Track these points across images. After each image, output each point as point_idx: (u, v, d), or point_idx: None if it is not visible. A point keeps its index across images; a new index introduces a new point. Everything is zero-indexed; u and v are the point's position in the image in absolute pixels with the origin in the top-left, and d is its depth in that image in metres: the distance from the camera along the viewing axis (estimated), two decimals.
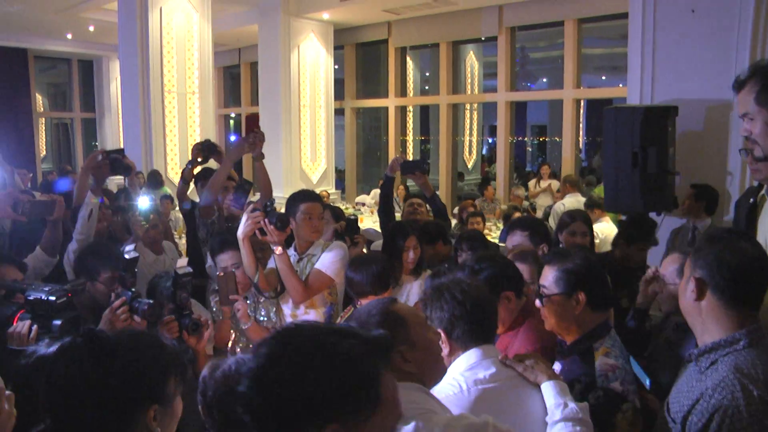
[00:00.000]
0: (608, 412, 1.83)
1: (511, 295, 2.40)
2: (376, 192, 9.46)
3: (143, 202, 3.78)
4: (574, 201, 7.34)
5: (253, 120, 3.82)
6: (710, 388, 1.58)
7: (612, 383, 1.89)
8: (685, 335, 2.15)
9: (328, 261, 3.21)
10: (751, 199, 3.08)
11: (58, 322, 2.15)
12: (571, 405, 1.69)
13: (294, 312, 3.27)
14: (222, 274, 2.96)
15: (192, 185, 4.53)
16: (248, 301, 3.16)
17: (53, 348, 1.68)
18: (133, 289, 2.58)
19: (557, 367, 2.09)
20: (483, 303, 1.84)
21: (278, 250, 3.05)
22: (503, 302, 2.38)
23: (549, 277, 2.06)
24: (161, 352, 1.41)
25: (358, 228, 3.97)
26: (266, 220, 3.01)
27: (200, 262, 3.70)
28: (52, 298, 2.19)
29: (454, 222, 7.09)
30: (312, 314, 3.26)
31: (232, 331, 3.20)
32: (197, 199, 4.37)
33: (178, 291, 2.68)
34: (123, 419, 1.30)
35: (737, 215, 3.25)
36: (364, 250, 3.88)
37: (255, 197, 4.45)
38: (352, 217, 4.03)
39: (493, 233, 7.35)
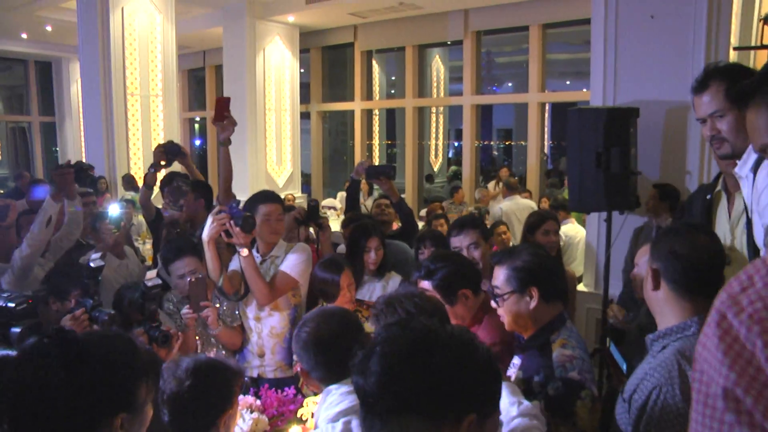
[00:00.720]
0: (568, 401, 1.86)
1: (469, 293, 2.44)
2: (342, 195, 9.45)
3: (113, 209, 3.72)
4: (512, 204, 7.57)
5: (224, 102, 3.62)
6: (652, 368, 1.69)
7: (570, 373, 1.92)
8: (654, 321, 2.21)
9: (292, 263, 3.19)
10: (708, 195, 3.16)
11: (16, 330, 2.08)
12: (525, 402, 1.73)
13: (258, 314, 3.25)
14: (193, 279, 2.90)
15: (157, 190, 4.44)
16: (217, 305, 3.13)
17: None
18: (95, 298, 2.53)
19: (516, 361, 2.12)
20: (435, 314, 1.88)
21: (244, 252, 3.01)
22: (461, 300, 2.42)
23: (500, 277, 2.08)
24: (134, 356, 1.35)
25: (318, 212, 3.91)
26: (232, 222, 2.95)
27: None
28: (11, 304, 2.12)
29: (421, 224, 7.13)
30: (276, 316, 3.24)
31: (197, 338, 3.15)
32: (160, 205, 4.30)
33: (147, 303, 2.65)
34: (87, 427, 1.24)
35: (691, 212, 3.32)
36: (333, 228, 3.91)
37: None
38: (313, 202, 3.97)
39: None
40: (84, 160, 9.74)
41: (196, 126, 14.62)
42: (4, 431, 1.22)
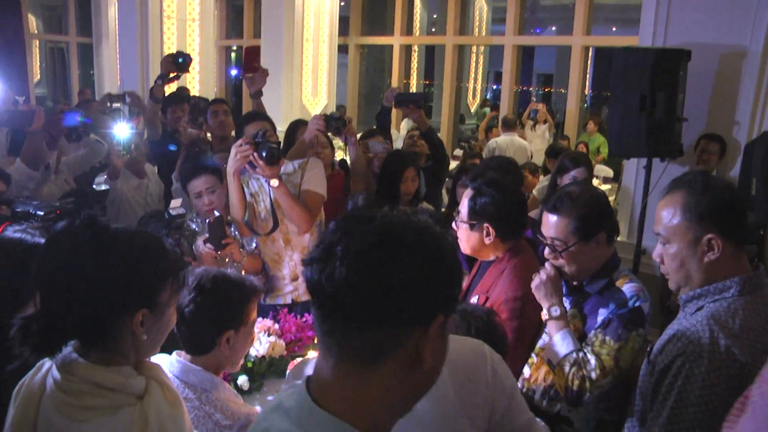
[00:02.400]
0: (628, 326, 1.87)
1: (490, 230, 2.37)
2: None
3: (121, 131, 3.62)
4: (508, 140, 7.70)
5: (254, 53, 3.54)
6: (680, 331, 1.55)
7: (643, 303, 1.91)
8: None
9: (315, 179, 3.16)
10: None
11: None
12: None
13: (288, 236, 3.23)
14: (211, 220, 2.82)
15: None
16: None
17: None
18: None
19: (567, 304, 2.06)
20: None
21: (275, 182, 2.94)
22: None
23: (560, 227, 1.97)
24: (161, 255, 1.33)
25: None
26: (255, 154, 2.84)
27: None
28: (40, 212, 2.13)
29: (453, 164, 7.04)
30: (306, 236, 3.23)
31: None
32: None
33: (171, 233, 2.63)
34: (109, 316, 1.24)
35: (747, 161, 3.19)
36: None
37: None
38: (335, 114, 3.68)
39: None
40: (119, 84, 9.76)
41: (233, 55, 14.48)
42: (35, 312, 1.25)
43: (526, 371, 2.11)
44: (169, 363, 1.75)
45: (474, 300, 2.30)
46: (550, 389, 1.99)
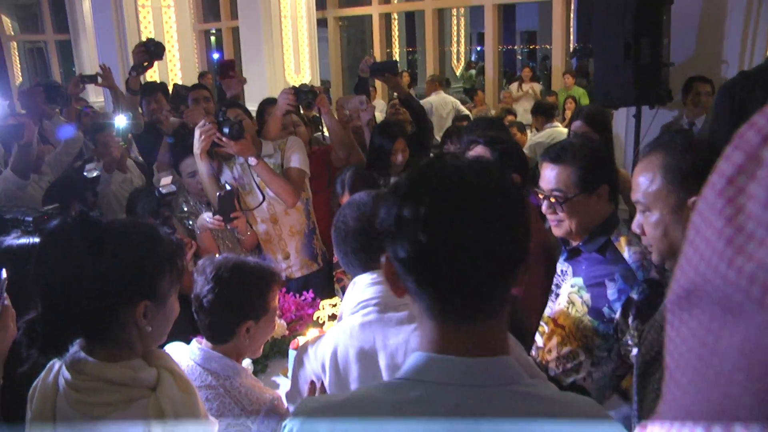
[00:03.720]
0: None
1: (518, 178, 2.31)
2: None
3: (120, 120, 3.61)
4: (438, 99, 7.81)
5: (228, 65, 3.69)
6: (663, 316, 1.42)
7: (651, 273, 1.78)
8: None
9: (297, 157, 3.14)
10: None
11: None
12: None
13: (274, 215, 3.22)
14: (223, 193, 2.83)
15: None
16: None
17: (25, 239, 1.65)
18: (95, 210, 2.51)
19: (565, 268, 2.01)
20: None
21: (252, 161, 2.94)
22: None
23: (562, 177, 1.87)
24: (157, 243, 1.32)
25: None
26: (219, 133, 2.83)
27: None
28: (29, 218, 2.13)
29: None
30: (293, 214, 3.23)
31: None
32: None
33: (162, 209, 2.63)
34: (111, 310, 1.24)
35: (722, 105, 3.15)
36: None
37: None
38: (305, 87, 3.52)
39: None
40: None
41: (212, 39, 14.30)
42: (38, 314, 1.24)
43: (539, 340, 2.10)
44: (189, 351, 1.74)
45: None
46: (564, 359, 1.98)
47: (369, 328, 1.39)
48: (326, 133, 3.91)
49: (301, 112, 3.68)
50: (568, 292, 1.98)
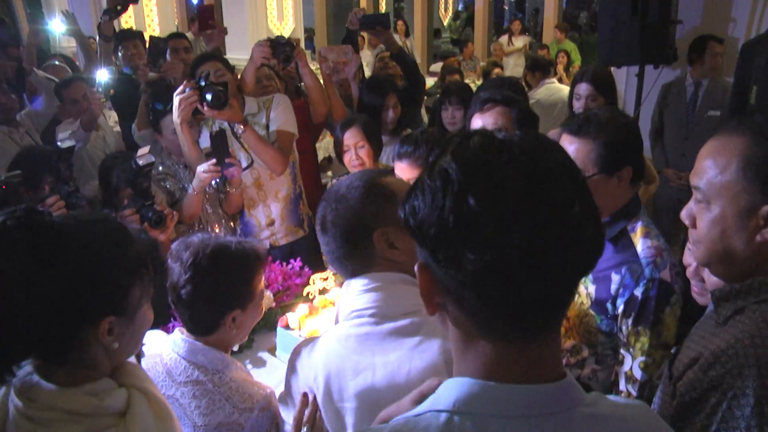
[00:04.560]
0: (658, 307, 1.60)
1: None
2: None
3: (102, 74, 3.32)
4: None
5: (207, 12, 3.45)
6: (713, 352, 1.09)
7: (662, 272, 1.61)
8: None
9: (283, 117, 2.93)
10: None
11: None
12: None
13: (259, 180, 3.03)
14: (214, 133, 2.60)
15: None
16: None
17: None
18: (70, 183, 2.27)
19: None
20: None
21: (240, 129, 2.72)
22: None
23: (583, 154, 1.67)
24: (125, 247, 1.09)
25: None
26: (201, 101, 2.59)
27: None
28: None
29: (431, 81, 6.76)
30: (278, 179, 3.04)
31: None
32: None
33: (139, 180, 2.40)
34: (65, 330, 1.02)
35: (745, 69, 2.99)
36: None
37: None
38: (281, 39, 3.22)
39: None
40: None
41: None
42: None
43: None
44: (172, 342, 1.55)
45: None
46: (568, 353, 1.84)
47: (365, 341, 1.20)
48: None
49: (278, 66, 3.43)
50: None
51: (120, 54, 3.76)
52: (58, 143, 2.28)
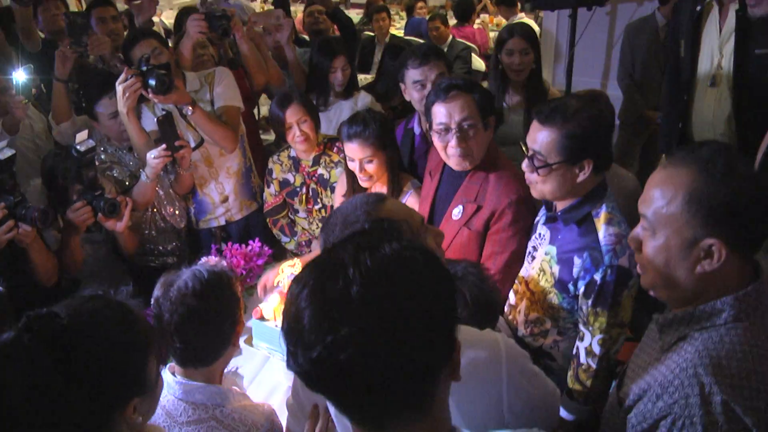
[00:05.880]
0: (617, 290, 1.72)
1: (492, 121, 2.17)
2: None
3: (20, 75, 2.99)
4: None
5: None
6: (660, 383, 1.19)
7: (621, 258, 1.72)
8: None
9: (228, 92, 2.87)
10: (698, 7, 2.91)
11: None
12: None
13: (209, 158, 2.97)
14: (161, 117, 2.53)
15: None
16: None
17: None
18: (15, 192, 2.14)
19: (544, 232, 1.95)
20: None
21: (188, 110, 2.65)
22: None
23: (546, 141, 1.75)
24: (136, 330, 1.12)
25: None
26: (144, 88, 2.49)
27: None
28: None
29: (354, 13, 6.59)
30: (228, 156, 2.99)
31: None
32: None
33: (83, 170, 2.30)
34: (98, 425, 1.06)
35: (677, 21, 3.08)
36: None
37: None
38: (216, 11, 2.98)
39: (397, 24, 6.97)
40: None
41: None
42: None
43: (512, 297, 2.10)
44: (167, 385, 1.55)
45: (458, 210, 2.19)
46: (532, 323, 2.00)
47: None
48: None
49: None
50: (541, 259, 1.96)
51: (40, 17, 3.43)
52: None
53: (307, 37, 4.30)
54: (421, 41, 5.16)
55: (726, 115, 2.84)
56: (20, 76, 2.94)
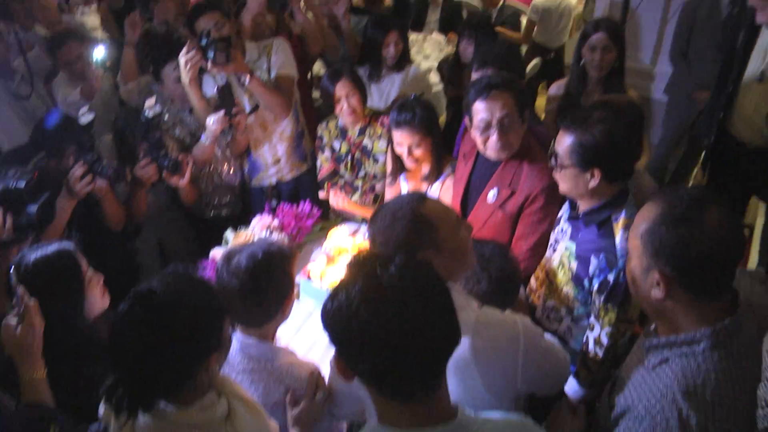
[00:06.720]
0: (627, 293, 1.81)
1: (527, 114, 2.28)
2: None
3: (99, 52, 3.21)
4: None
5: None
6: (642, 405, 1.32)
7: None
8: None
9: (283, 61, 3.01)
10: None
11: (33, 208, 2.05)
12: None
13: (264, 122, 3.15)
14: (221, 86, 2.76)
15: None
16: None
17: (40, 252, 1.75)
18: (92, 153, 2.39)
19: (566, 227, 2.07)
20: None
21: (246, 79, 2.82)
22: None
23: (564, 144, 1.89)
24: (213, 299, 1.38)
25: None
26: (205, 60, 2.68)
27: None
28: (21, 184, 2.05)
29: None
30: (282, 121, 3.16)
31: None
32: None
33: (151, 132, 2.52)
34: (188, 373, 1.33)
35: (741, 11, 3.04)
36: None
37: None
38: None
39: None
40: None
41: None
42: (114, 381, 1.36)
43: (533, 282, 2.25)
44: None
45: (493, 193, 2.32)
46: (549, 310, 2.16)
47: None
48: None
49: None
50: (561, 253, 2.09)
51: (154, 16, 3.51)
52: (81, 120, 2.37)
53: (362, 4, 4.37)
54: (474, 4, 5.16)
55: (766, 112, 2.85)
56: (99, 52, 3.15)
